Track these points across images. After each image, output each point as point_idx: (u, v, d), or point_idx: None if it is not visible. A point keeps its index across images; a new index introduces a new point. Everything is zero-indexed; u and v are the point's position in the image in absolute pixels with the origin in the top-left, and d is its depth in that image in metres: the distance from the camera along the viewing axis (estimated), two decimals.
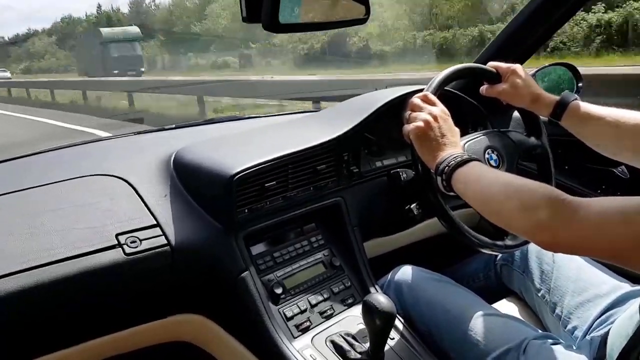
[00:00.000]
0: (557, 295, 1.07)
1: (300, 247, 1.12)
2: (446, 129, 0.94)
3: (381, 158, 1.29)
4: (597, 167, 1.39)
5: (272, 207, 1.07)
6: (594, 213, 0.67)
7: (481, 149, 1.11)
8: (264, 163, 1.03)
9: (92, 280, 0.94)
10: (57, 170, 1.12)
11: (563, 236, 0.69)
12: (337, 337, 0.98)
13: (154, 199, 1.07)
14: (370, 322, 0.88)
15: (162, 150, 1.18)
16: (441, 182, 0.91)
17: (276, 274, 1.06)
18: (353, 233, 1.16)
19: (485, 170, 0.86)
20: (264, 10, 0.88)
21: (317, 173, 1.12)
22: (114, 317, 1.03)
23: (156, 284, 1.04)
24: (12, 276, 0.87)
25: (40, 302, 0.90)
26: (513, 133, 1.20)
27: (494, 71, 1.11)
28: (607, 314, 0.97)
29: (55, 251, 0.92)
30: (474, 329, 0.97)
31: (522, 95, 1.08)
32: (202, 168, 1.07)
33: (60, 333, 0.98)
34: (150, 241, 1.00)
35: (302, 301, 1.04)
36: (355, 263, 1.13)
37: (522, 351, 0.91)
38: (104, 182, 1.08)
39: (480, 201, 0.84)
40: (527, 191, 0.75)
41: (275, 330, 0.97)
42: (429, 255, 1.34)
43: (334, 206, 1.16)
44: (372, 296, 0.88)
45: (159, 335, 1.11)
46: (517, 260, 1.19)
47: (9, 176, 1.15)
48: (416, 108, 0.98)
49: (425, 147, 0.94)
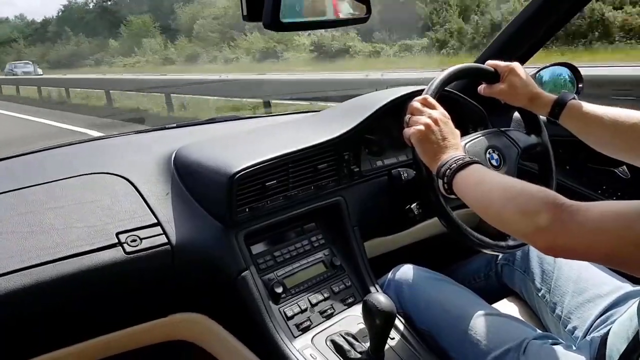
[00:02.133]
0: (557, 295, 1.07)
1: (300, 246, 1.12)
2: (447, 131, 0.94)
3: (382, 157, 1.29)
4: (598, 167, 1.39)
5: (272, 206, 1.07)
6: (592, 217, 0.67)
7: (482, 149, 1.11)
8: (265, 162, 1.03)
9: (92, 279, 0.94)
10: (57, 168, 1.12)
11: (562, 240, 0.69)
12: (338, 337, 0.98)
13: (155, 197, 1.07)
14: (370, 322, 0.88)
15: (163, 149, 1.18)
16: (442, 185, 0.91)
17: (276, 273, 1.06)
18: (353, 232, 1.15)
19: (486, 173, 0.86)
20: (265, 9, 0.88)
21: (317, 172, 1.12)
22: (114, 315, 1.03)
23: (156, 283, 1.04)
24: (12, 274, 0.87)
25: (40, 301, 0.90)
26: (513, 132, 1.20)
27: (492, 70, 1.11)
28: (607, 314, 0.97)
29: (55, 250, 0.92)
30: (474, 328, 0.97)
31: (520, 95, 1.08)
32: (203, 167, 1.07)
33: (60, 332, 0.98)
34: (151, 240, 1.00)
35: (303, 300, 1.04)
36: (355, 263, 1.13)
37: (522, 351, 0.91)
38: (104, 180, 1.08)
39: (481, 205, 0.84)
40: (527, 195, 0.75)
41: (275, 330, 0.97)
42: (430, 255, 1.34)
43: (334, 205, 1.16)
44: (372, 296, 0.88)
45: (159, 334, 1.12)
46: (518, 259, 1.19)
47: (8, 174, 1.14)
48: (416, 112, 0.98)
49: (426, 150, 0.95)
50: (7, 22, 54.39)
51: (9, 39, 47.35)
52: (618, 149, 1.00)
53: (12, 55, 41.64)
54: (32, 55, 41.06)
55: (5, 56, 41.64)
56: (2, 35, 49.13)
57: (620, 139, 0.98)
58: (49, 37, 48.31)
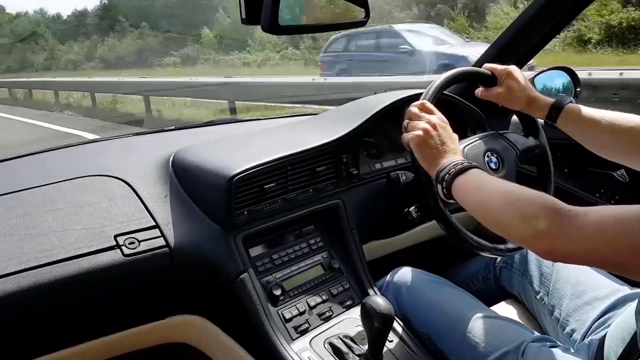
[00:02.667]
0: (555, 297, 1.07)
1: (299, 249, 1.12)
2: (445, 136, 0.95)
3: (380, 160, 1.29)
4: (596, 170, 1.39)
5: (271, 209, 1.07)
6: (591, 222, 0.67)
7: (480, 153, 1.11)
8: (263, 164, 1.03)
9: (90, 281, 0.94)
10: (55, 170, 1.12)
11: (561, 245, 0.69)
12: (336, 339, 0.98)
13: (153, 200, 1.07)
14: (368, 325, 0.88)
15: (161, 151, 1.18)
16: (441, 190, 0.91)
17: (275, 276, 1.06)
18: (352, 235, 1.15)
19: (485, 178, 0.87)
20: (264, 13, 0.88)
21: (316, 175, 1.13)
22: (112, 318, 1.03)
23: (155, 285, 1.04)
24: (10, 277, 0.87)
25: (38, 303, 0.90)
26: (511, 134, 1.20)
27: (489, 74, 1.11)
28: (605, 316, 0.97)
29: (53, 252, 0.92)
30: (472, 331, 0.97)
31: (518, 99, 1.09)
32: (201, 169, 1.07)
33: (58, 334, 0.98)
34: (149, 242, 1.00)
35: (301, 303, 1.04)
36: (354, 265, 1.13)
37: (520, 354, 0.91)
38: (102, 182, 1.08)
39: (480, 209, 0.84)
40: (526, 200, 0.75)
41: (273, 332, 0.97)
42: (428, 258, 1.34)
43: (333, 208, 1.16)
44: (371, 298, 0.88)
45: (157, 336, 1.11)
46: (516, 262, 1.19)
47: (6, 176, 1.14)
48: (414, 117, 0.98)
49: (425, 155, 0.95)
50: (27, 17, 45.95)
51: (35, 35, 39.64)
52: (616, 152, 1.01)
53: (41, 54, 35.49)
54: (72, 53, 33.83)
55: (31, 54, 35.69)
56: (24, 31, 41.64)
57: (618, 141, 0.98)
58: (91, 31, 38.09)
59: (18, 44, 39.55)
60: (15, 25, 43.40)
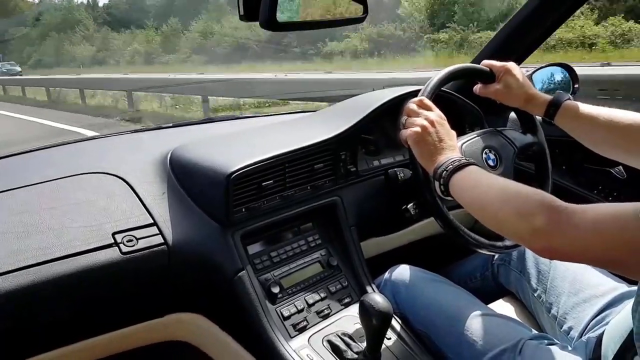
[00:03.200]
0: (553, 295, 1.07)
1: (297, 246, 1.12)
2: (443, 133, 0.95)
3: (378, 157, 1.29)
4: (594, 167, 1.39)
5: (269, 206, 1.07)
6: (589, 220, 0.67)
7: (478, 150, 1.11)
8: (261, 162, 1.03)
9: (88, 279, 0.93)
10: (52, 168, 1.12)
11: (558, 243, 0.69)
12: (334, 337, 0.98)
13: (151, 197, 1.07)
14: (367, 322, 0.88)
15: (159, 148, 1.18)
16: (439, 187, 0.91)
17: (273, 274, 1.06)
18: (350, 232, 1.15)
19: (482, 175, 0.86)
20: (262, 9, 0.88)
21: (314, 172, 1.12)
22: (110, 316, 1.02)
23: (153, 283, 1.04)
24: (7, 275, 0.87)
25: (36, 301, 0.90)
26: (509, 131, 1.20)
27: (487, 70, 1.11)
28: (602, 314, 0.97)
29: (51, 250, 0.92)
30: (470, 329, 0.97)
31: (516, 95, 1.08)
32: (199, 167, 1.07)
33: (56, 332, 0.97)
34: (147, 240, 1.00)
35: (299, 301, 1.04)
36: (352, 263, 1.13)
37: (517, 351, 0.91)
38: (100, 180, 1.08)
39: (477, 207, 0.84)
40: (523, 198, 0.75)
41: (272, 330, 0.97)
42: (426, 255, 1.34)
43: (331, 205, 1.16)
44: (369, 296, 0.88)
45: (155, 334, 1.11)
46: (514, 260, 1.20)
47: (3, 174, 1.14)
48: (412, 113, 0.98)
49: (423, 152, 0.95)
50: (51, 2, 38.56)
51: (73, 21, 33.80)
52: (613, 148, 1.01)
53: (80, 46, 29.29)
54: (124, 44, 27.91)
55: (70, 46, 29.68)
56: (52, 19, 35.23)
57: (616, 138, 0.98)
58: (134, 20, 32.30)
59: (53, 33, 33.15)
60: (39, 13, 36.71)
